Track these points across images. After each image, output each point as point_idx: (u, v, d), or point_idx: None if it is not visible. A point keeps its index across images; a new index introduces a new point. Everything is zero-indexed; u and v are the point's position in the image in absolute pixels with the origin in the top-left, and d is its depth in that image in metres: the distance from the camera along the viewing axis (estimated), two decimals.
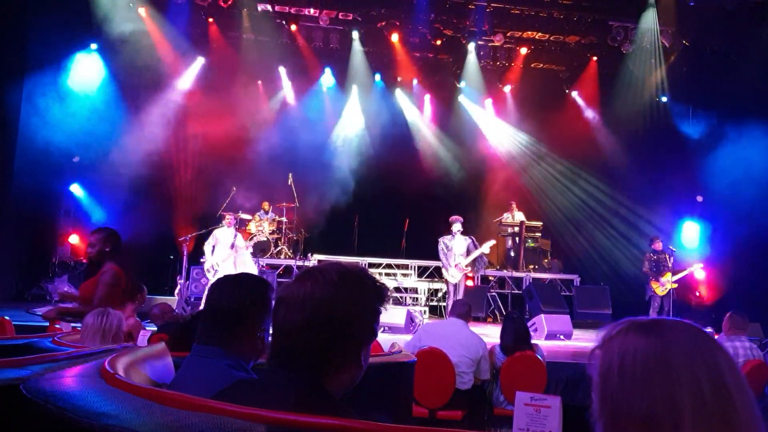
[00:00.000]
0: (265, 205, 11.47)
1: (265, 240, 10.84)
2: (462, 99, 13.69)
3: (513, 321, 5.13)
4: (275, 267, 10.68)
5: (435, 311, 10.92)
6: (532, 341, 5.22)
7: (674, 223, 11.77)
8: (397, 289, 10.90)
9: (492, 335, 6.31)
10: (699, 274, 10.36)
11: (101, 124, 10.44)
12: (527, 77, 13.12)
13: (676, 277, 9.39)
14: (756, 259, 9.91)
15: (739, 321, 5.12)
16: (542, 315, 8.49)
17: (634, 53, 11.83)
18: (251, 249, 10.05)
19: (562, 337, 8.19)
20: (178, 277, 10.13)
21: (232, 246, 8.64)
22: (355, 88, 13.33)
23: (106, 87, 10.91)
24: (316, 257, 10.88)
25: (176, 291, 9.88)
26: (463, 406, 4.80)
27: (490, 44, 12.43)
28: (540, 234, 12.22)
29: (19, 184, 9.54)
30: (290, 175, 11.45)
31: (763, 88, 10.25)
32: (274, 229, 11.27)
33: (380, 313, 1.32)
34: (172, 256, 11.12)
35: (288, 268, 10.64)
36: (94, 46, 10.91)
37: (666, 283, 9.33)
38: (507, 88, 13.57)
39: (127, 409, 0.92)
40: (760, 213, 9.60)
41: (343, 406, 1.21)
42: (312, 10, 11.39)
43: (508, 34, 12.12)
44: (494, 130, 13.78)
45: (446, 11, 11.59)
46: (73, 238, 10.63)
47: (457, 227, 8.64)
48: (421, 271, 11.53)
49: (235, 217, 9.52)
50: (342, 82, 13.11)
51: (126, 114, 11.02)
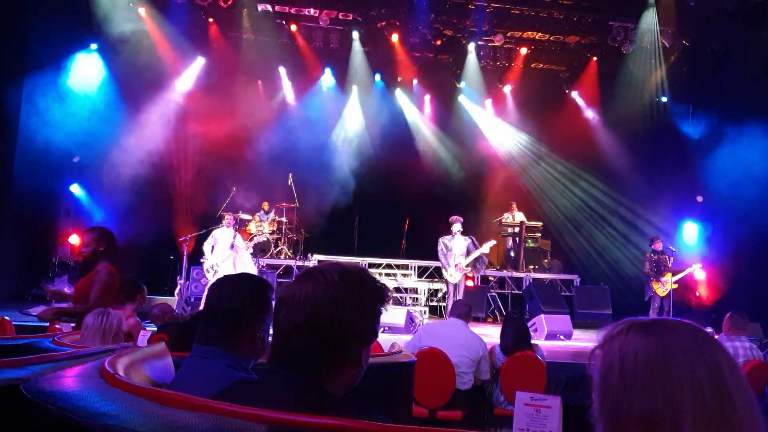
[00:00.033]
0: (265, 206, 11.47)
1: (265, 240, 10.84)
2: (462, 99, 13.69)
3: (513, 321, 5.13)
4: (275, 267, 10.67)
5: (435, 311, 10.91)
6: (532, 341, 5.23)
7: (674, 223, 11.77)
8: (397, 290, 10.89)
9: (492, 335, 6.31)
10: (699, 275, 10.35)
11: (101, 124, 10.45)
12: (527, 77, 13.11)
13: (676, 277, 9.38)
14: (756, 259, 9.91)
15: (739, 321, 5.12)
16: (542, 315, 8.49)
17: (634, 53, 11.83)
18: (251, 249, 10.04)
19: (562, 337, 8.19)
20: (178, 277, 10.13)
21: (231, 246, 8.63)
22: (355, 88, 13.33)
23: (106, 87, 10.92)
24: (316, 257, 10.88)
25: (176, 291, 9.88)
26: (463, 406, 4.80)
27: (490, 44, 12.43)
28: (540, 234, 12.22)
29: (19, 184, 9.55)
30: (290, 175, 11.44)
31: (763, 88, 10.25)
32: (274, 229, 11.26)
33: (381, 313, 1.32)
34: (172, 256, 11.11)
35: (288, 268, 10.64)
36: (94, 46, 10.92)
37: (666, 284, 9.33)
38: (507, 88, 13.56)
39: (127, 409, 0.92)
40: (760, 213, 9.59)
41: (343, 406, 1.21)
42: (312, 10, 11.40)
43: (508, 34, 12.12)
44: (494, 130, 13.77)
45: (446, 11, 11.59)
46: (73, 238, 10.62)
47: (457, 227, 8.63)
48: (421, 272, 11.53)
49: (235, 217, 9.51)
50: (342, 82, 13.10)
51: (126, 114, 11.01)
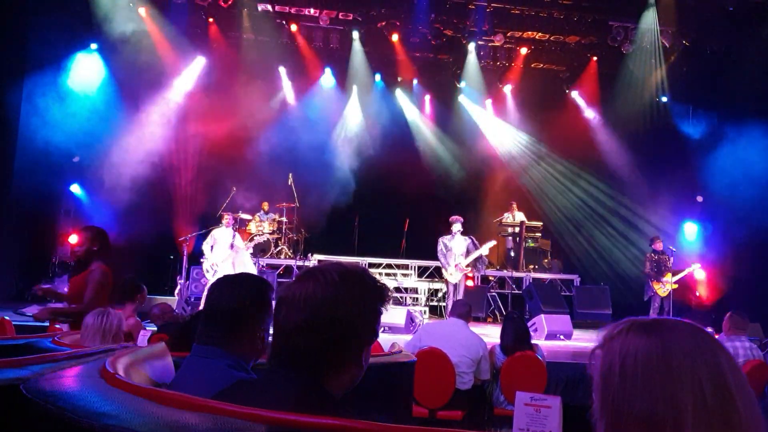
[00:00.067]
0: (265, 206, 11.46)
1: (265, 240, 10.84)
2: (462, 99, 13.69)
3: (513, 321, 5.13)
4: (275, 267, 10.67)
5: (435, 311, 10.92)
6: (532, 341, 5.23)
7: (674, 223, 11.77)
8: (397, 289, 10.89)
9: (492, 335, 6.31)
10: (699, 275, 10.35)
11: (101, 124, 10.45)
12: (527, 77, 13.10)
13: (676, 277, 9.38)
14: (756, 259, 9.91)
15: (739, 321, 5.12)
16: (542, 315, 8.49)
17: (634, 53, 11.82)
18: (251, 249, 10.04)
19: (562, 337, 8.19)
20: (178, 277, 10.13)
21: (231, 246, 8.63)
22: (355, 88, 13.32)
23: (106, 87, 10.92)
24: (317, 257, 10.88)
25: (176, 291, 9.89)
26: (463, 406, 4.80)
27: (490, 44, 12.42)
28: (540, 234, 12.22)
29: (19, 184, 9.55)
30: (290, 175, 11.44)
31: (763, 88, 10.24)
32: (274, 229, 11.26)
33: (381, 313, 1.32)
34: (172, 256, 11.12)
35: (288, 268, 10.64)
36: (94, 46, 10.92)
37: (667, 284, 9.32)
38: (507, 88, 13.55)
39: (127, 409, 0.92)
40: (761, 213, 9.59)
41: (343, 406, 1.21)
42: (312, 10, 11.39)
43: (509, 34, 12.12)
44: (494, 130, 13.77)
45: (446, 11, 11.58)
46: (73, 238, 10.56)
47: (457, 227, 8.63)
48: (421, 271, 11.53)
49: (234, 217, 9.51)
50: (342, 82, 13.09)
51: (126, 114, 11.01)
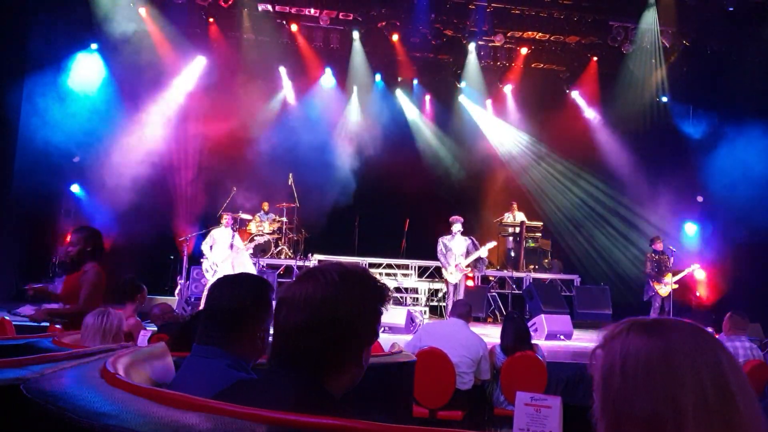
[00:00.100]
0: (265, 206, 11.46)
1: (266, 240, 10.84)
2: (462, 99, 13.68)
3: (513, 321, 5.13)
4: (275, 267, 10.67)
5: (435, 311, 10.91)
6: (533, 341, 5.23)
7: (674, 224, 11.76)
8: (397, 289, 10.88)
9: (492, 335, 6.31)
10: (699, 275, 10.35)
11: (101, 124, 10.46)
12: (527, 77, 13.10)
13: (677, 277, 9.38)
14: (756, 259, 9.91)
15: (739, 321, 5.11)
16: (542, 315, 8.48)
17: (634, 53, 11.82)
18: (251, 249, 10.04)
19: (562, 337, 8.19)
20: (178, 277, 10.13)
21: (230, 246, 8.62)
22: (355, 88, 13.32)
23: (106, 87, 10.92)
24: (317, 257, 10.87)
25: (176, 291, 9.88)
26: (464, 406, 4.80)
27: (490, 44, 12.42)
28: (540, 234, 12.22)
29: (19, 184, 9.55)
30: (290, 175, 11.44)
31: (763, 88, 10.24)
32: (275, 229, 11.26)
33: (381, 313, 1.32)
34: (172, 256, 11.11)
35: (288, 268, 10.63)
36: (94, 46, 10.91)
37: (668, 284, 9.32)
38: (507, 88, 13.55)
39: (128, 409, 0.92)
40: (760, 213, 9.58)
41: (343, 406, 1.20)
42: (312, 10, 11.39)
43: (509, 34, 12.11)
44: (494, 130, 13.76)
45: (446, 11, 11.59)
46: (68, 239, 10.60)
47: (457, 227, 8.62)
48: (422, 271, 11.52)
49: (233, 217, 9.51)
50: (342, 82, 13.09)
51: (126, 114, 11.01)
